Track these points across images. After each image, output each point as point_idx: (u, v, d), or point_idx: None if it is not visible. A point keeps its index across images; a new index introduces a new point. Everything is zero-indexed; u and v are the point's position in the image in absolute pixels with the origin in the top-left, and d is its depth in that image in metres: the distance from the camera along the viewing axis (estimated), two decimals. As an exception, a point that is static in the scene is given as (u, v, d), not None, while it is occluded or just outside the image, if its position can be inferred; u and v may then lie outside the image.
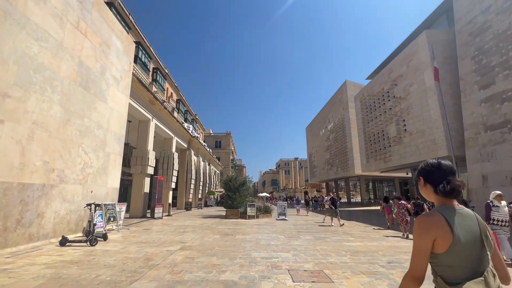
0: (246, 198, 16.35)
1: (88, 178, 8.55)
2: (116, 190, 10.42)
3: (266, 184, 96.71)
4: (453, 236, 1.09)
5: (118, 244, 6.65)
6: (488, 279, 1.07)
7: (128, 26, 18.42)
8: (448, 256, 1.10)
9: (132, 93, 12.88)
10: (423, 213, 1.32)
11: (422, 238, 1.14)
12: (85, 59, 8.26)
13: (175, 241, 7.26)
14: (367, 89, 25.99)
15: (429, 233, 1.12)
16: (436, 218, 1.14)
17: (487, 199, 14.23)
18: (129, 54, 11.45)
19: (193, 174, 25.19)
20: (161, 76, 24.97)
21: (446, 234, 1.10)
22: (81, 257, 5.31)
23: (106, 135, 9.60)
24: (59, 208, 7.25)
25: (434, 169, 1.27)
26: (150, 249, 6.15)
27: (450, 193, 1.19)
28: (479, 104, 14.27)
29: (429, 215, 1.18)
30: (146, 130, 15.18)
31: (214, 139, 54.61)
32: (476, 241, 1.12)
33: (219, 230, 9.59)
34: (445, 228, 1.11)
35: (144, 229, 9.68)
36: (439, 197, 1.23)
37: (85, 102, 8.30)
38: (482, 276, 1.07)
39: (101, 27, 9.20)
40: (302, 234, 9.04)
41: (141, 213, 14.30)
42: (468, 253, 1.10)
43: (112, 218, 8.89)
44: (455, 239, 1.09)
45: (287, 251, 6.07)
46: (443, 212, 1.16)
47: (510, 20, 12.90)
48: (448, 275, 1.12)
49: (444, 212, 1.16)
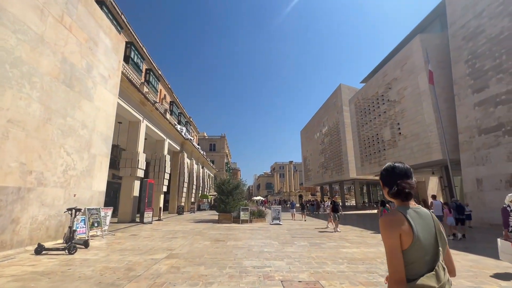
0: (240, 202, 15.94)
1: (71, 181, 8.06)
2: (102, 194, 9.91)
3: (261, 187, 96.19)
4: (413, 233, 1.15)
5: (100, 252, 6.19)
6: (438, 273, 1.13)
7: (120, 26, 18.01)
8: (409, 253, 1.15)
9: (121, 93, 12.46)
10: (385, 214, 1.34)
11: (391, 236, 1.18)
12: (69, 55, 7.84)
13: (162, 248, 6.83)
14: (362, 93, 26.02)
15: (395, 230, 1.17)
16: (398, 217, 1.20)
17: (483, 202, 14.19)
18: (118, 52, 11.04)
19: (186, 177, 24.64)
20: (154, 77, 24.51)
21: (408, 231, 1.16)
22: (55, 267, 4.85)
23: (92, 136, 9.14)
24: (37, 213, 6.75)
25: (388, 173, 1.35)
26: (133, 257, 5.71)
27: (397, 195, 1.28)
28: (473, 108, 14.28)
29: (391, 215, 1.24)
30: (136, 132, 14.69)
31: (208, 142, 54.03)
32: (432, 238, 1.19)
33: (210, 236, 9.17)
34: (407, 225, 1.17)
35: (131, 235, 9.18)
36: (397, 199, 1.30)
37: (69, 100, 7.85)
38: (433, 271, 1.14)
39: (88, 23, 8.79)
40: (296, 239, 8.69)
41: (130, 217, 13.74)
42: (426, 249, 1.16)
43: (96, 224, 8.39)
44: (415, 236, 1.15)
45: (280, 259, 5.71)
46: (403, 212, 1.22)
47: (503, 25, 12.99)
48: (408, 271, 1.15)
49: (404, 212, 1.22)
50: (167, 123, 18.85)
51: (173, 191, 23.25)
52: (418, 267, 1.15)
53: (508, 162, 12.39)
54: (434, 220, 1.25)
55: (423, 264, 1.16)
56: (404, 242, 1.16)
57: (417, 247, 1.15)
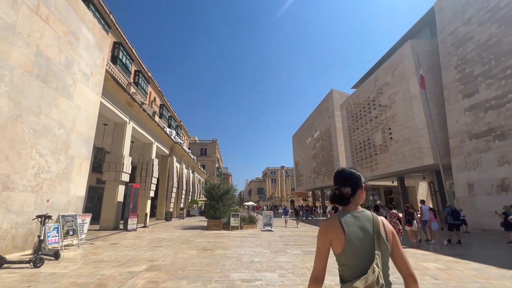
0: (230, 208, 15.36)
1: (44, 185, 7.36)
2: (80, 199, 9.19)
3: (252, 193, 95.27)
4: (345, 238, 1.20)
5: (71, 265, 5.53)
6: (368, 276, 1.13)
7: (108, 25, 17.43)
8: (343, 255, 1.22)
9: (106, 93, 11.83)
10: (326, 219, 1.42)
11: (321, 240, 1.27)
12: (45, 49, 7.25)
13: (143, 258, 6.22)
14: (353, 98, 26.12)
15: (326, 236, 1.26)
16: (332, 222, 1.27)
17: (475, 207, 14.12)
18: (102, 49, 10.47)
19: (175, 182, 23.83)
20: (144, 79, 23.86)
21: (339, 235, 1.22)
22: (14, 284, 4.21)
23: (70, 136, 8.47)
24: (1, 221, 6.04)
25: (334, 177, 1.42)
26: (108, 270, 5.10)
27: (331, 201, 1.38)
28: (463, 113, 14.37)
29: (328, 220, 1.31)
30: (122, 134, 13.99)
31: (199, 146, 53.16)
32: (368, 241, 1.20)
33: (197, 244, 8.58)
34: (339, 230, 1.23)
35: (111, 244, 8.48)
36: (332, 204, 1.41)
37: (43, 97, 7.22)
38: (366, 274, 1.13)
39: (68, 15, 8.23)
40: (289, 247, 8.23)
41: (113, 224, 12.93)
42: (360, 253, 1.18)
43: (71, 232, 7.69)
44: (347, 239, 1.20)
45: (272, 270, 5.23)
46: (339, 216, 1.27)
47: (491, 31, 13.20)
48: (344, 273, 1.23)
49: (341, 216, 1.27)
50: (155, 126, 18.19)
51: (161, 197, 22.38)
52: (352, 269, 1.19)
53: (499, 167, 12.42)
54: (375, 224, 1.23)
55: (356, 267, 1.17)
56: (337, 246, 1.22)
57: (349, 251, 1.19)
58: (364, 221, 1.23)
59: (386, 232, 1.23)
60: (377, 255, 1.16)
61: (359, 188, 1.33)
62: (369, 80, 23.37)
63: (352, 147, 26.06)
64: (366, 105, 23.40)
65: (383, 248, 1.18)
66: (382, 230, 1.22)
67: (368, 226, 1.22)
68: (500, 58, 12.64)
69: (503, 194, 12.09)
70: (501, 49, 12.63)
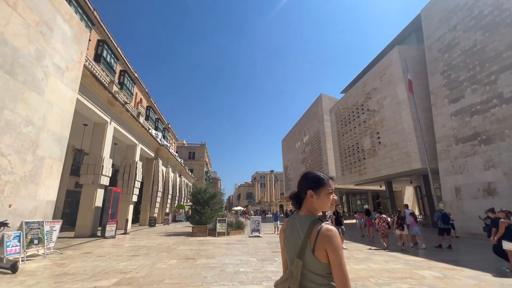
0: (217, 213, 14.75)
1: (5, 188, 6.58)
2: (51, 204, 8.37)
3: (241, 197, 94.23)
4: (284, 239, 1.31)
5: (29, 279, 4.84)
6: (282, 277, 1.23)
7: (92, 22, 16.70)
8: (283, 255, 1.34)
9: (85, 90, 11.10)
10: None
11: (279, 237, 1.41)
12: (11, 37, 6.58)
13: (115, 270, 5.58)
14: (342, 102, 26.26)
15: (281, 236, 1.37)
16: (284, 223, 1.39)
17: (462, 211, 14.15)
18: (80, 43, 9.80)
19: (161, 186, 22.92)
20: (130, 79, 23.00)
21: (282, 237, 1.34)
22: (-51, 305, 3.53)
23: (40, 135, 7.73)
24: (-51, 229, 5.27)
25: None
26: (71, 285, 4.47)
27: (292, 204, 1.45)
28: (449, 117, 14.55)
29: (284, 222, 1.43)
30: (102, 134, 13.18)
31: (187, 150, 52.05)
32: (297, 246, 1.21)
33: (179, 253, 7.97)
34: (283, 232, 1.35)
35: (83, 253, 7.73)
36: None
37: (8, 90, 6.51)
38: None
39: (40, 3, 7.58)
40: (277, 255, 7.76)
41: (89, 231, 12.03)
42: (290, 256, 1.25)
43: (36, 241, 6.91)
44: (284, 241, 1.30)
45: (258, 282, 4.75)
46: (288, 219, 1.36)
47: (475, 38, 13.49)
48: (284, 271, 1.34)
49: (289, 219, 1.36)
50: (139, 127, 17.40)
51: (146, 201, 21.41)
52: (286, 269, 1.33)
53: (485, 171, 12.54)
54: (307, 233, 1.20)
55: (287, 268, 1.27)
56: (282, 246, 1.34)
57: (285, 252, 1.29)
58: (299, 227, 1.24)
59: (316, 244, 1.14)
60: (296, 262, 1.17)
61: (306, 192, 1.30)
62: (357, 85, 23.55)
63: (341, 151, 26.08)
64: (355, 110, 23.52)
65: (307, 258, 1.15)
66: (312, 241, 1.15)
67: (299, 233, 1.22)
68: (485, 64, 12.89)
69: (489, 198, 12.17)
70: (486, 55, 12.89)
